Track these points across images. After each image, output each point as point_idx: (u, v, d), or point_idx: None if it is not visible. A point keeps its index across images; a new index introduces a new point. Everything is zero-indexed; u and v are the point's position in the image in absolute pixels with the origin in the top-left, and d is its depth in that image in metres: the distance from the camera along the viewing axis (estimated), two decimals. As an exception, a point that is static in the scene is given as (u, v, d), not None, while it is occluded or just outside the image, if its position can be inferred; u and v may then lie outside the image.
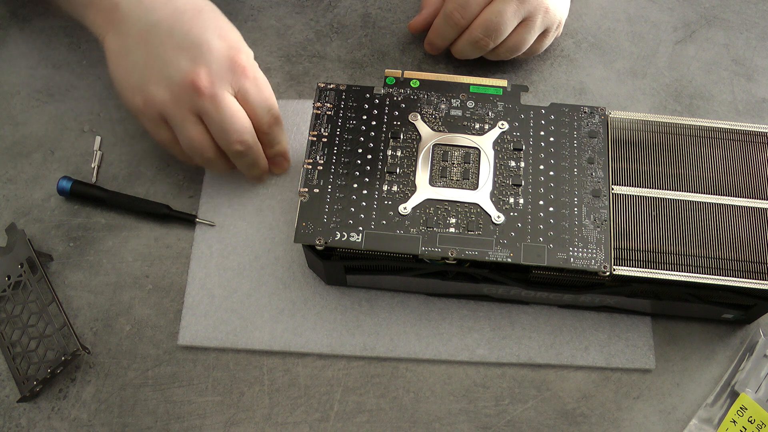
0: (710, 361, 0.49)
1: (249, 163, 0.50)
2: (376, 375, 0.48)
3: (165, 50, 0.46)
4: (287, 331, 0.49)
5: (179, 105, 0.46)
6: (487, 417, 0.47)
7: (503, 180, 0.46)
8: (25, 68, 0.59)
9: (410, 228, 0.44)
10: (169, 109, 0.47)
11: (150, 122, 0.48)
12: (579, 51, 0.60)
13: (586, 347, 0.48)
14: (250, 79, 0.47)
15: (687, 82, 0.58)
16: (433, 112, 0.49)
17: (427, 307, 0.50)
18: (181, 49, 0.46)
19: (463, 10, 0.53)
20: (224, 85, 0.46)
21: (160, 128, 0.48)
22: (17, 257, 0.50)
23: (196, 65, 0.46)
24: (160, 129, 0.48)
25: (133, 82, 0.47)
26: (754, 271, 0.43)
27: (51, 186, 0.54)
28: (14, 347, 0.48)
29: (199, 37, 0.46)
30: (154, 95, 0.46)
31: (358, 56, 0.59)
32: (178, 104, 0.46)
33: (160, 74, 0.46)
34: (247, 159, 0.49)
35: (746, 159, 0.46)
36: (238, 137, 0.47)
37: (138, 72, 0.47)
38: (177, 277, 0.51)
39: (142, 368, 0.48)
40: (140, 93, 0.47)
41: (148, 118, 0.48)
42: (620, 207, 0.45)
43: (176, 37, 0.46)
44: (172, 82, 0.46)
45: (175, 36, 0.46)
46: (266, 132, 0.49)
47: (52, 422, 0.47)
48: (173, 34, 0.46)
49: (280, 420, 0.47)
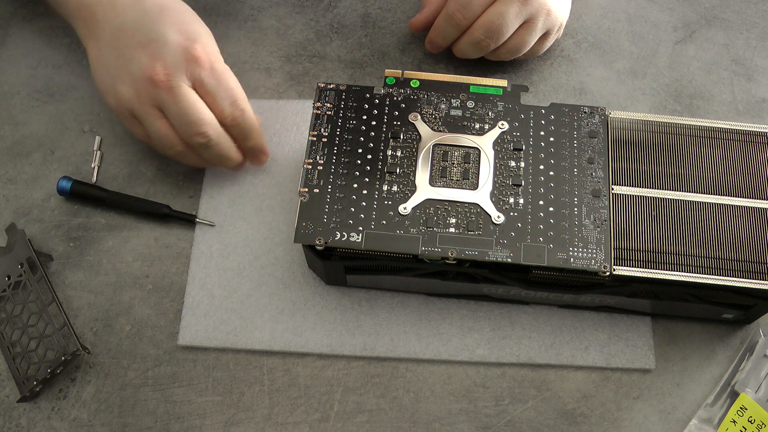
0: (710, 361, 0.49)
1: (216, 155, 0.50)
2: (376, 375, 0.48)
3: (128, 49, 0.48)
4: (287, 331, 0.49)
5: (142, 100, 0.48)
6: (487, 417, 0.47)
7: (503, 180, 0.46)
8: (25, 68, 0.59)
9: (410, 228, 0.44)
10: (135, 105, 0.48)
11: (125, 120, 0.50)
12: (579, 51, 0.60)
13: (586, 347, 0.48)
14: (205, 69, 0.48)
15: (687, 82, 0.58)
16: (433, 112, 0.49)
17: (427, 307, 0.50)
18: (141, 46, 0.47)
19: (464, 10, 0.53)
20: (180, 76, 0.47)
21: (133, 125, 0.50)
22: (17, 257, 0.50)
23: (153, 60, 0.47)
24: (133, 126, 0.50)
25: (107, 83, 0.49)
26: (754, 271, 0.43)
27: (51, 186, 0.54)
28: (14, 347, 0.48)
29: (157, 33, 0.48)
30: (122, 93, 0.48)
31: (358, 56, 0.59)
32: (141, 99, 0.48)
33: (125, 72, 0.48)
34: (212, 151, 0.49)
35: (746, 159, 0.46)
36: (197, 129, 0.48)
37: (110, 74, 0.49)
38: (177, 277, 0.51)
39: (142, 368, 0.48)
40: (112, 93, 0.49)
41: (122, 116, 0.50)
42: (620, 207, 0.45)
43: (138, 35, 0.48)
44: (133, 78, 0.47)
45: (137, 34, 0.48)
46: (231, 124, 0.49)
47: (52, 422, 0.47)
48: (136, 34, 0.48)
49: (280, 420, 0.47)
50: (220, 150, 0.49)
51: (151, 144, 0.51)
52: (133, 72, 0.47)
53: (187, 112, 0.47)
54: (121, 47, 0.48)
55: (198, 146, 0.49)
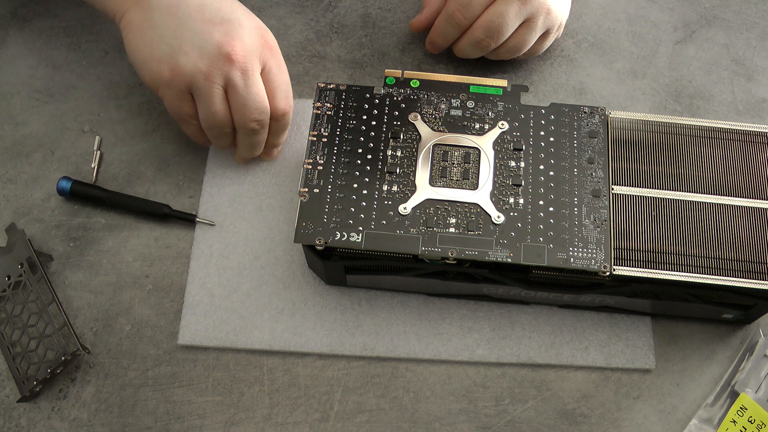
0: (710, 361, 0.49)
1: (253, 143, 0.50)
2: (376, 375, 0.48)
3: (196, 23, 0.47)
4: (287, 331, 0.49)
5: (210, 76, 0.46)
6: (487, 417, 0.47)
7: (503, 180, 0.46)
8: (25, 68, 0.59)
9: (410, 228, 0.44)
10: (200, 81, 0.47)
11: (174, 94, 0.48)
12: (579, 51, 0.60)
13: (586, 347, 0.48)
14: (275, 59, 0.49)
15: (687, 82, 0.58)
16: (433, 112, 0.49)
17: (427, 307, 0.50)
18: (214, 23, 0.47)
19: (465, 10, 0.53)
20: (255, 60, 0.47)
21: (183, 101, 0.48)
22: (17, 257, 0.50)
23: (231, 38, 0.46)
24: (182, 102, 0.48)
25: (159, 53, 0.47)
26: (754, 271, 0.43)
27: (51, 186, 0.54)
28: (14, 347, 0.48)
29: (230, 14, 0.47)
30: (184, 66, 0.46)
31: (358, 56, 0.59)
32: (210, 75, 0.46)
33: (192, 45, 0.46)
34: (254, 139, 0.50)
35: (746, 159, 0.46)
36: (257, 116, 0.48)
37: (166, 43, 0.47)
38: (177, 277, 0.51)
39: (142, 368, 0.48)
40: (168, 64, 0.47)
41: (173, 90, 0.48)
42: (620, 207, 0.45)
43: (207, 12, 0.47)
44: (205, 53, 0.46)
45: (206, 11, 0.47)
46: (278, 119, 0.50)
47: (52, 422, 0.47)
48: (203, 10, 0.47)
49: (280, 420, 0.47)
50: (261, 139, 0.50)
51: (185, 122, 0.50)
52: (204, 46, 0.46)
53: (255, 97, 0.47)
54: (184, 18, 0.47)
55: (248, 131, 0.49)
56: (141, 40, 0.48)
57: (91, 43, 0.60)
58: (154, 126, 0.56)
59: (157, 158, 0.55)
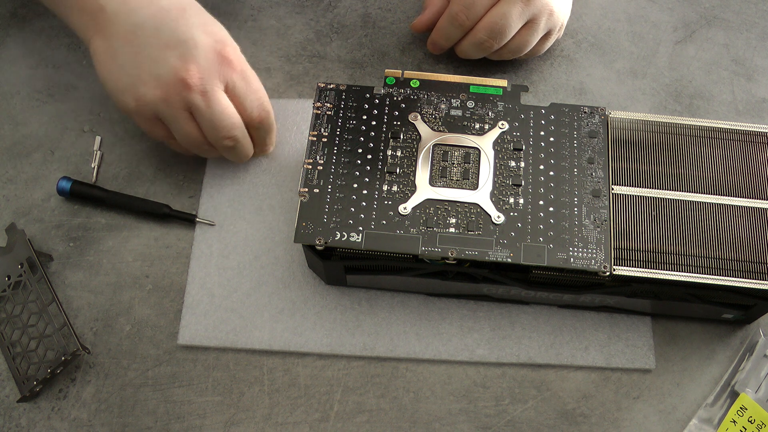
0: (710, 361, 0.49)
1: (236, 154, 0.50)
2: (376, 375, 0.48)
3: (152, 49, 0.46)
4: (287, 331, 0.49)
5: (171, 103, 0.46)
6: (487, 417, 0.47)
7: (503, 180, 0.46)
8: (25, 68, 0.59)
9: (410, 228, 0.44)
10: (162, 108, 0.47)
11: (144, 122, 0.49)
12: (579, 51, 0.60)
13: (586, 347, 0.48)
14: (237, 72, 0.48)
15: (687, 82, 0.58)
16: (433, 112, 0.49)
17: (427, 307, 0.50)
18: (169, 47, 0.46)
19: (468, 11, 0.53)
20: (214, 80, 0.46)
21: (155, 126, 0.49)
22: (17, 257, 0.50)
23: (185, 62, 0.46)
24: (155, 127, 0.49)
25: (123, 83, 0.47)
26: (754, 271, 0.43)
27: (51, 186, 0.54)
28: (14, 347, 0.48)
29: (185, 34, 0.46)
30: (145, 95, 0.46)
31: (358, 56, 0.59)
32: (170, 102, 0.46)
33: (150, 73, 0.46)
34: (235, 151, 0.50)
35: (746, 159, 0.46)
36: (227, 133, 0.48)
37: (127, 73, 0.47)
38: (177, 277, 0.51)
39: (142, 368, 0.48)
40: (131, 94, 0.47)
41: (141, 117, 0.48)
42: (620, 207, 0.45)
43: (163, 35, 0.46)
44: (162, 81, 0.46)
45: (162, 34, 0.46)
46: (256, 126, 0.50)
47: (52, 422, 0.47)
48: (160, 33, 0.46)
49: (280, 420, 0.47)
50: (242, 149, 0.50)
51: (168, 143, 0.51)
52: (161, 74, 0.46)
53: (220, 117, 0.47)
54: (141, 46, 0.46)
55: (224, 147, 0.49)
56: (106, 70, 0.48)
57: (91, 43, 0.60)
58: (154, 126, 0.56)
59: (157, 158, 0.55)
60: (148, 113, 0.47)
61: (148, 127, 0.49)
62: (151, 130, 0.49)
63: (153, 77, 0.46)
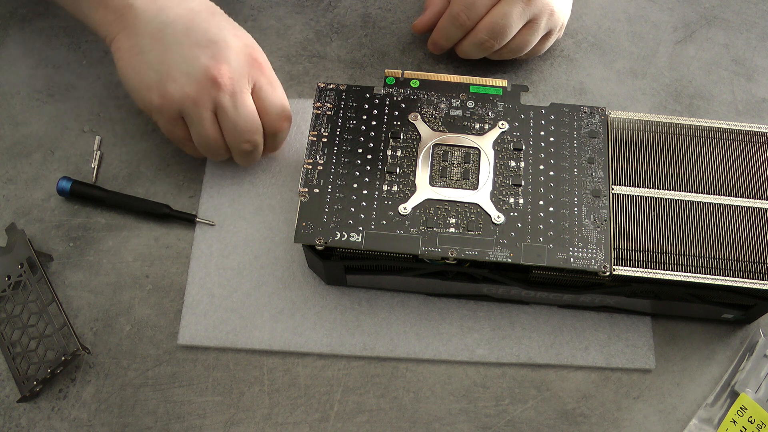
0: (710, 361, 0.49)
1: (248, 159, 0.51)
2: (376, 375, 0.48)
3: (182, 48, 0.46)
4: (287, 331, 0.49)
5: (199, 101, 0.46)
6: (487, 417, 0.47)
7: (503, 180, 0.46)
8: (25, 68, 0.59)
9: (410, 228, 0.44)
10: (189, 106, 0.46)
11: (166, 120, 0.48)
12: (579, 51, 0.60)
13: (586, 347, 0.48)
14: (266, 77, 0.48)
15: (687, 82, 0.58)
16: (433, 112, 0.49)
17: (427, 307, 0.50)
18: (200, 47, 0.46)
19: (468, 11, 0.53)
20: (243, 81, 0.47)
21: (175, 126, 0.48)
22: (17, 257, 0.50)
23: (217, 62, 0.46)
24: (175, 127, 0.48)
25: (149, 80, 0.47)
26: (754, 271, 0.43)
27: (51, 186, 0.54)
28: (14, 347, 0.48)
29: (217, 35, 0.47)
30: (173, 92, 0.46)
31: (358, 56, 0.59)
32: (198, 101, 0.46)
33: (179, 71, 0.46)
34: (249, 156, 0.50)
35: (746, 159, 0.46)
36: (249, 137, 0.48)
37: (153, 70, 0.47)
38: (177, 277, 0.51)
39: (142, 368, 0.48)
40: (158, 91, 0.47)
41: (165, 115, 0.48)
42: (620, 207, 0.45)
43: (193, 35, 0.46)
44: (192, 78, 0.46)
45: (192, 34, 0.46)
46: (273, 135, 0.50)
47: (52, 422, 0.47)
48: (190, 33, 0.46)
49: (280, 420, 0.47)
50: (256, 155, 0.50)
51: (181, 144, 0.50)
52: (191, 72, 0.46)
53: (245, 119, 0.47)
54: (170, 43, 0.46)
55: (241, 151, 0.49)
56: (130, 66, 0.47)
57: (91, 43, 0.60)
58: (154, 126, 0.56)
59: (157, 158, 0.55)
60: (172, 111, 0.47)
61: (169, 127, 0.49)
62: (171, 129, 0.49)
63: (183, 74, 0.46)
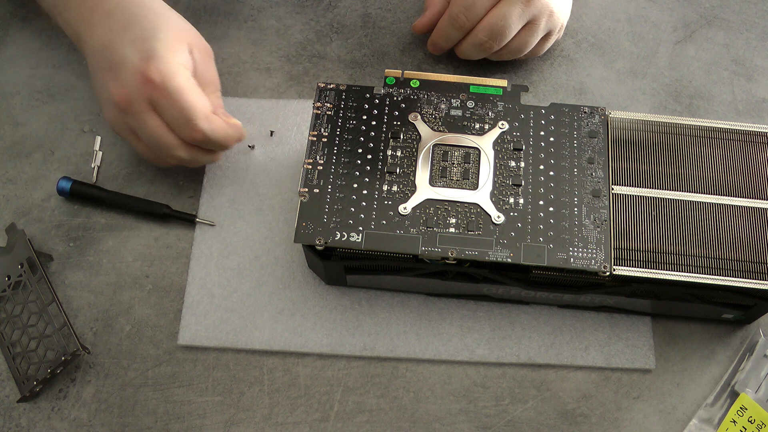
0: (710, 361, 0.49)
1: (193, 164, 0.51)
2: (376, 375, 0.48)
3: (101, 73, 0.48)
4: (287, 331, 0.49)
5: (117, 126, 0.49)
6: (487, 417, 0.47)
7: (503, 180, 0.46)
8: (25, 68, 0.59)
9: (410, 228, 0.44)
10: (116, 130, 0.50)
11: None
12: (579, 51, 0.60)
13: (586, 347, 0.48)
14: (162, 92, 0.46)
15: (687, 82, 0.58)
16: (433, 112, 0.49)
17: (427, 307, 0.50)
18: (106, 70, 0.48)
19: (468, 12, 0.53)
20: (137, 102, 0.46)
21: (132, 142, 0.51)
22: (17, 257, 0.50)
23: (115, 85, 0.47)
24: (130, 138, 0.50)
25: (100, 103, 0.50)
26: (754, 271, 0.43)
27: (51, 186, 0.54)
28: (14, 347, 0.48)
29: (117, 54, 0.47)
30: (106, 117, 0.49)
31: (358, 56, 0.59)
32: (116, 126, 0.49)
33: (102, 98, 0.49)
34: (188, 163, 0.50)
35: (746, 159, 0.46)
36: (165, 152, 0.48)
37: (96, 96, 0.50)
38: (177, 277, 0.51)
39: (142, 368, 0.48)
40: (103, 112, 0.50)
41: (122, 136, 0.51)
42: (620, 207, 0.45)
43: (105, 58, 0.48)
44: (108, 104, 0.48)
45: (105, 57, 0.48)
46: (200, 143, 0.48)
47: (52, 422, 0.47)
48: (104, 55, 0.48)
49: (280, 420, 0.47)
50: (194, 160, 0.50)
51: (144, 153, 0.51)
52: (106, 98, 0.48)
53: (150, 138, 0.48)
54: (97, 71, 0.48)
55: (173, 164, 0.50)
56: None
57: (91, 43, 0.60)
58: (154, 126, 0.56)
59: (157, 158, 0.55)
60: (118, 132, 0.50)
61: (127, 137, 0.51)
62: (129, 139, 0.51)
63: (104, 101, 0.49)
